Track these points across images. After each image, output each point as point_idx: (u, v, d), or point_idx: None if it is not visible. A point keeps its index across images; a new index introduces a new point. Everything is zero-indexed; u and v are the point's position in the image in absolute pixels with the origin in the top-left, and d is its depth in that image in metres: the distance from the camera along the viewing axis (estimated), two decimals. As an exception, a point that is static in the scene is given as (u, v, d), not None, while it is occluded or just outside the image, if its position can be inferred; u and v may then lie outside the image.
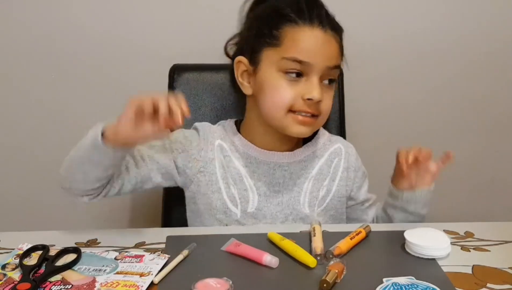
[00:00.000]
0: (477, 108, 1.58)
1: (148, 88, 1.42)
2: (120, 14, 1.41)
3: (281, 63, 0.98)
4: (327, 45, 0.99)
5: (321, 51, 0.98)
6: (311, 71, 0.98)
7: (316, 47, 0.98)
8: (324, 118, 1.04)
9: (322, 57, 0.98)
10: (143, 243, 0.94)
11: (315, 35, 0.98)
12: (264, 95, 1.01)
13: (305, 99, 0.98)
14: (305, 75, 0.98)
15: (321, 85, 0.99)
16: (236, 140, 1.08)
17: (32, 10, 1.39)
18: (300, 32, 0.98)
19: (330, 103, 1.02)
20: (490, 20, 1.50)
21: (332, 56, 0.99)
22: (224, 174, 1.06)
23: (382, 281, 0.79)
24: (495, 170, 1.64)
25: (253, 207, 1.06)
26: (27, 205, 1.55)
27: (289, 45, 0.98)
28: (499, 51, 1.53)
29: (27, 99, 1.46)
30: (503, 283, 0.82)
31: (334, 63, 1.00)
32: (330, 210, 1.10)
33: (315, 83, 0.98)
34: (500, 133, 1.61)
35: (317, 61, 0.97)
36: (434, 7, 1.47)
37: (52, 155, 1.50)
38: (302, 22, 0.98)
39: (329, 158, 1.10)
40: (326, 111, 1.02)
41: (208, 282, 0.78)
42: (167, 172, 1.06)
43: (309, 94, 0.97)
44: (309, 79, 0.98)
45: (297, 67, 0.97)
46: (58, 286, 0.79)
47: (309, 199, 1.07)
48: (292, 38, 0.98)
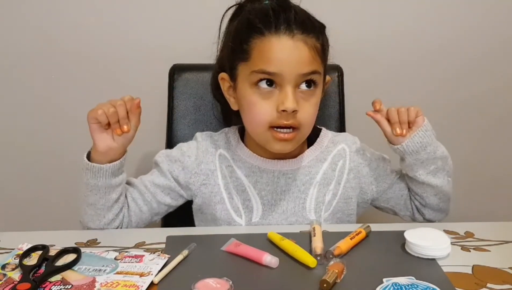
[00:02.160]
0: (477, 108, 1.58)
1: (148, 88, 1.43)
2: (120, 14, 1.41)
3: (251, 77, 0.95)
4: (296, 52, 0.94)
5: (290, 59, 0.93)
6: (282, 81, 0.94)
7: (283, 56, 0.93)
8: (307, 128, 0.99)
9: (292, 65, 0.93)
10: (143, 243, 0.94)
11: (281, 43, 0.93)
12: (243, 112, 1.00)
13: (280, 111, 0.94)
14: (278, 86, 0.95)
15: (297, 93, 0.95)
16: (238, 149, 1.07)
17: (32, 11, 1.39)
18: (266, 43, 0.94)
19: (310, 110, 0.97)
20: (490, 20, 1.50)
21: (303, 62, 0.94)
22: (227, 184, 1.05)
23: (382, 281, 0.79)
24: (495, 170, 1.64)
25: (257, 217, 1.04)
26: (27, 205, 1.55)
27: (257, 58, 0.95)
28: (499, 50, 1.53)
29: (27, 99, 1.46)
30: (503, 283, 0.82)
31: (308, 70, 0.95)
32: (336, 213, 1.07)
33: (288, 93, 0.93)
34: (500, 133, 1.61)
35: (287, 70, 0.93)
36: (434, 6, 1.47)
37: (52, 155, 1.51)
38: (268, 32, 0.94)
39: (332, 161, 1.08)
40: (306, 121, 0.97)
41: (208, 282, 0.78)
42: (172, 191, 1.07)
43: (282, 105, 0.93)
44: (282, 90, 0.94)
45: (266, 77, 0.94)
46: (58, 286, 0.79)
47: (315, 204, 1.05)
48: (259, 50, 0.94)
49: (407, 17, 1.47)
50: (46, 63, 1.44)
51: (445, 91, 1.55)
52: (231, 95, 1.03)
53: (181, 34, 1.41)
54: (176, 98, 1.26)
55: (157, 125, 1.33)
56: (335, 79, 1.27)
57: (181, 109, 1.25)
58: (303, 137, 1.02)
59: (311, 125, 1.00)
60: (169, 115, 1.26)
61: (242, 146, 1.07)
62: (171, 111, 1.26)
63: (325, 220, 1.06)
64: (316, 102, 0.99)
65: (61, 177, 1.52)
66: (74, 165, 1.52)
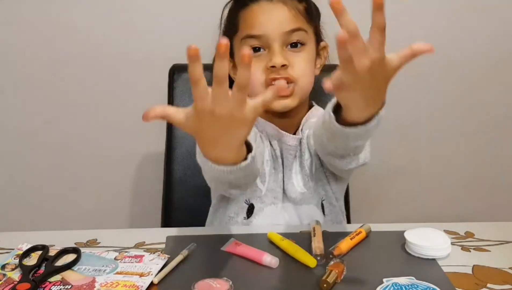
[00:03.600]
0: (477, 108, 1.58)
1: (148, 88, 1.44)
2: (120, 15, 1.42)
3: (241, 45, 1.02)
4: (276, 12, 1.00)
5: (271, 20, 1.00)
6: (268, 41, 0.99)
7: (264, 18, 1.00)
8: (303, 81, 1.01)
9: (274, 25, 0.99)
10: (143, 243, 0.94)
11: (261, 8, 1.01)
12: None
13: (269, 67, 0.98)
14: (267, 47, 1.00)
15: (285, 51, 1.00)
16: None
17: (33, 12, 1.39)
18: (249, 12, 1.02)
19: (303, 66, 1.01)
20: (490, 20, 1.50)
21: (284, 20, 1.00)
22: (264, 149, 1.06)
23: (382, 281, 0.79)
24: (495, 170, 1.64)
25: (277, 185, 1.06)
26: (27, 205, 1.55)
27: (243, 27, 1.02)
28: (499, 50, 1.53)
29: (26, 99, 1.47)
30: (503, 283, 0.82)
31: (291, 27, 1.00)
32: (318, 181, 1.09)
33: (274, 50, 0.99)
34: (500, 133, 1.61)
35: (270, 30, 0.99)
36: (434, 8, 1.47)
37: (52, 156, 1.51)
38: (250, 1, 1.02)
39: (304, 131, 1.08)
40: (300, 73, 1.00)
41: (208, 282, 0.78)
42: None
43: (270, 62, 0.98)
44: (270, 50, 1.00)
45: (254, 43, 1.00)
46: (57, 286, 0.79)
47: (301, 177, 1.07)
48: (244, 19, 1.03)
49: (407, 17, 1.47)
50: (46, 63, 1.44)
51: (445, 91, 1.56)
52: (235, 73, 1.05)
53: (181, 34, 1.41)
54: (176, 98, 1.26)
55: (157, 125, 1.32)
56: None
57: (181, 109, 1.25)
58: (302, 90, 1.02)
59: (307, 78, 1.02)
60: (169, 115, 1.26)
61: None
62: (171, 111, 1.26)
63: (315, 191, 1.07)
64: (308, 58, 1.02)
65: (61, 177, 1.52)
66: (74, 165, 1.53)
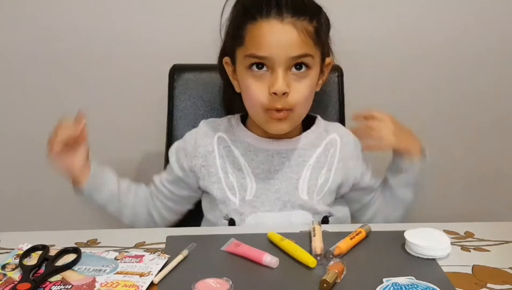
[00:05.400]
0: (477, 107, 1.58)
1: (148, 88, 1.44)
2: (120, 15, 1.42)
3: (245, 61, 0.99)
4: (286, 35, 0.96)
5: (279, 43, 0.96)
6: (273, 64, 0.97)
7: (272, 40, 0.96)
8: (300, 108, 1.01)
9: (281, 48, 0.96)
10: (143, 243, 0.94)
11: (271, 27, 0.96)
12: (242, 94, 1.04)
13: (271, 93, 0.97)
14: (270, 68, 0.98)
15: (289, 75, 0.98)
16: (237, 130, 1.10)
17: (32, 11, 1.39)
18: (258, 28, 0.97)
19: (302, 91, 0.99)
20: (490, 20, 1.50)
21: (293, 45, 0.96)
22: (224, 164, 1.08)
23: (382, 281, 0.79)
24: (495, 170, 1.64)
25: (251, 194, 1.06)
26: (27, 205, 1.55)
27: (249, 43, 0.98)
28: (499, 51, 1.53)
29: (27, 99, 1.47)
30: (503, 283, 0.82)
31: (298, 53, 0.97)
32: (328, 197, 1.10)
33: (278, 75, 0.96)
34: (500, 132, 1.61)
35: (276, 53, 0.96)
36: (434, 6, 1.47)
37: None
38: (260, 17, 0.97)
39: (325, 147, 1.10)
40: (298, 101, 0.99)
41: (208, 282, 0.78)
42: (184, 182, 1.11)
43: (272, 87, 0.96)
44: (273, 72, 0.97)
45: (259, 61, 0.98)
46: (58, 286, 0.79)
47: (308, 187, 1.07)
48: (251, 35, 0.98)
49: (407, 17, 1.47)
50: (46, 63, 1.44)
51: (445, 91, 1.56)
52: (234, 78, 1.07)
53: (181, 34, 1.42)
54: (176, 98, 1.26)
55: (157, 125, 1.33)
56: (335, 79, 1.27)
57: (181, 109, 1.26)
58: (297, 117, 1.03)
59: (305, 105, 1.02)
60: (169, 115, 1.26)
61: (241, 127, 1.10)
62: (171, 111, 1.26)
63: (317, 203, 1.07)
64: (310, 84, 1.01)
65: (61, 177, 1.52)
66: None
